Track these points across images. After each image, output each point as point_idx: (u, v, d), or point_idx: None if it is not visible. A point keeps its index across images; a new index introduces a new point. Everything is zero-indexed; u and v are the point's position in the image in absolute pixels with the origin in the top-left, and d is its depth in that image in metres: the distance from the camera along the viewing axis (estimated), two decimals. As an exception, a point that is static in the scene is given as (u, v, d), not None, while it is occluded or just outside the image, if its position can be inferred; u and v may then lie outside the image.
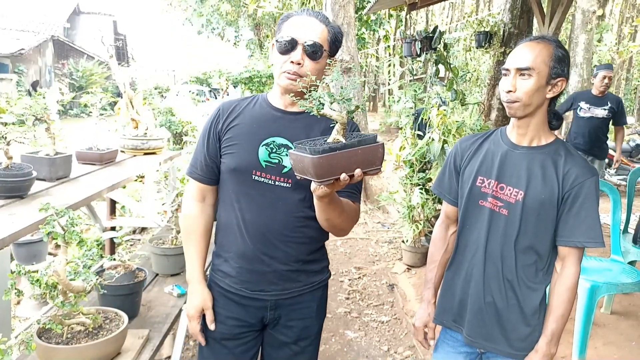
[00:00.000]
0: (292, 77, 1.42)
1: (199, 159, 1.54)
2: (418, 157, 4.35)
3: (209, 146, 1.52)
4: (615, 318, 3.38)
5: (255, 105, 1.54)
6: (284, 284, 1.52)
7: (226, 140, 1.50)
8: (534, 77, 1.44)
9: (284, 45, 1.42)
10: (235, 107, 1.54)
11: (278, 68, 1.46)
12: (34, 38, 19.37)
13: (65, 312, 1.55)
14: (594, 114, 4.99)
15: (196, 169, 1.55)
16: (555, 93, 1.49)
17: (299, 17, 1.46)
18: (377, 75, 22.52)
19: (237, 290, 1.52)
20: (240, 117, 1.51)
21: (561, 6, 4.23)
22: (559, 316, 1.49)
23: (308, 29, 1.43)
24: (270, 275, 1.49)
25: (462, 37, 9.53)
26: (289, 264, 1.51)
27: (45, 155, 2.32)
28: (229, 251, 1.52)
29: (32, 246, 3.21)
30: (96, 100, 2.86)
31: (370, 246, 5.15)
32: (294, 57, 1.42)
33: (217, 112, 1.54)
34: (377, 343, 3.28)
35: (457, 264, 1.67)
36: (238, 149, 1.47)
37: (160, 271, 2.51)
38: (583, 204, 1.46)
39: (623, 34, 18.81)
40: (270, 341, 1.61)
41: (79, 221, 1.49)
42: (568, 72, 1.48)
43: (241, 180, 1.46)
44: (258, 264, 1.48)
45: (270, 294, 1.52)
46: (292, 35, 1.42)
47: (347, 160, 1.14)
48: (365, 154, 1.15)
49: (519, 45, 1.51)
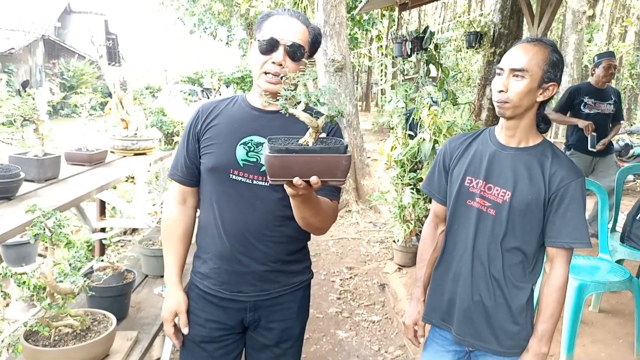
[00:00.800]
0: (272, 80, 1.43)
1: (180, 161, 1.55)
2: (409, 157, 4.37)
3: (189, 147, 1.53)
4: (603, 316, 3.41)
5: (234, 105, 1.54)
6: (263, 285, 1.51)
7: (205, 141, 1.50)
8: (526, 79, 1.45)
9: (265, 45, 1.42)
10: (214, 107, 1.54)
11: (258, 68, 1.45)
12: (24, 37, 19.22)
13: (52, 314, 1.54)
14: (601, 110, 4.48)
15: (177, 170, 1.56)
16: (546, 97, 1.49)
17: (280, 17, 1.45)
18: (369, 75, 22.56)
19: (215, 291, 1.52)
20: (219, 117, 1.51)
21: (550, 7, 4.27)
22: (548, 316, 1.51)
23: (289, 29, 1.43)
24: (248, 276, 1.49)
25: (453, 38, 9.57)
26: (268, 264, 1.50)
27: (34, 156, 2.31)
28: (208, 252, 1.52)
29: (22, 248, 3.18)
30: (85, 101, 2.85)
31: (361, 246, 5.16)
32: (275, 57, 1.41)
33: (197, 114, 1.54)
34: (368, 343, 3.29)
35: (445, 263, 1.69)
36: (216, 148, 1.47)
37: (149, 272, 2.51)
38: (569, 205, 1.47)
39: (613, 34, 18.96)
40: (252, 344, 1.60)
41: (66, 223, 1.49)
42: (560, 78, 1.49)
43: (219, 180, 1.47)
44: (236, 265, 1.48)
45: (249, 295, 1.51)
46: (273, 35, 1.42)
47: (304, 165, 1.10)
48: (326, 162, 1.11)
49: (515, 46, 1.52)
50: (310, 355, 3.11)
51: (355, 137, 6.76)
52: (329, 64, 6.50)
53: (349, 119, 6.68)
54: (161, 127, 6.28)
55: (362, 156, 6.87)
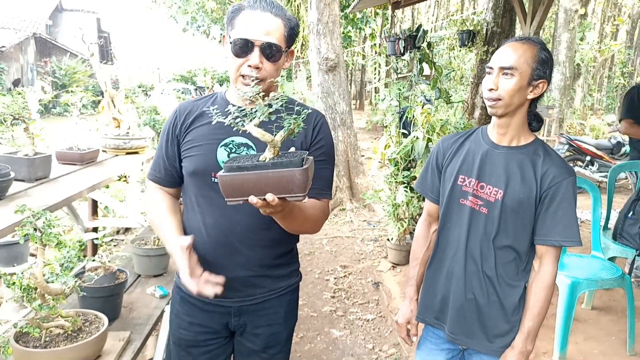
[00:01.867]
0: (250, 83, 1.32)
1: (159, 163, 1.50)
2: (403, 156, 4.37)
3: (168, 150, 1.48)
4: (595, 313, 3.43)
5: (212, 104, 1.46)
6: (248, 290, 1.47)
7: (185, 144, 1.45)
8: (516, 76, 1.46)
9: (238, 47, 1.33)
10: (192, 108, 1.47)
11: (234, 70, 1.37)
12: (15, 35, 19.04)
13: (43, 315, 1.53)
14: None
15: (156, 172, 1.51)
16: (536, 94, 1.50)
17: (252, 13, 1.34)
18: (363, 74, 22.56)
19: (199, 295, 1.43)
20: (199, 119, 1.45)
21: (542, 5, 4.28)
22: (535, 314, 1.52)
23: (263, 26, 1.33)
24: (232, 281, 1.42)
25: (446, 36, 9.59)
26: (252, 269, 1.46)
27: (24, 156, 2.28)
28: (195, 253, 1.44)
29: (13, 248, 3.16)
30: (76, 100, 2.82)
31: (356, 244, 5.16)
32: (252, 60, 1.33)
33: (175, 115, 1.48)
34: (362, 341, 3.29)
35: (438, 261, 1.69)
36: (196, 151, 1.42)
37: (142, 272, 2.49)
38: (560, 204, 1.48)
39: (605, 33, 19.09)
40: (240, 349, 1.57)
41: (56, 223, 1.47)
42: (550, 75, 1.50)
43: (201, 184, 1.42)
44: (220, 270, 1.39)
45: (233, 300, 1.47)
46: (246, 36, 1.32)
47: (257, 183, 1.06)
48: (278, 177, 1.05)
49: (504, 45, 1.53)
50: (304, 354, 3.11)
51: (349, 135, 6.76)
52: (322, 62, 6.49)
53: (342, 117, 6.68)
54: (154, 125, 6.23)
55: (356, 154, 6.86)
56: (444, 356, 1.71)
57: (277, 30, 1.35)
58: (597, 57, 16.26)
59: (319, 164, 1.40)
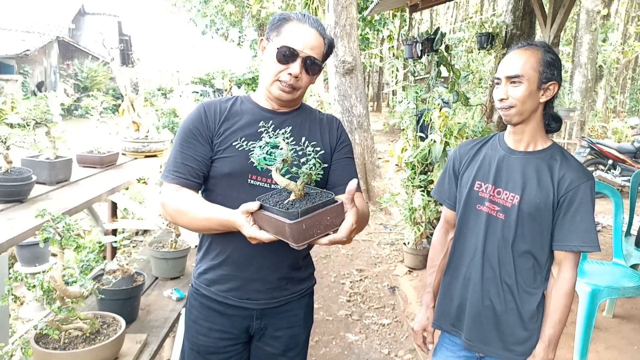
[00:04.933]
0: (286, 89, 1.40)
1: (188, 164, 1.40)
2: (420, 159, 4.34)
3: (198, 150, 1.41)
4: (617, 322, 3.36)
5: (241, 106, 1.47)
6: (272, 292, 1.49)
7: (218, 144, 1.41)
8: (524, 83, 1.47)
9: (282, 55, 1.38)
10: (219, 107, 1.45)
11: (271, 75, 1.41)
12: (39, 39, 19.47)
13: (62, 317, 1.55)
14: None
15: (187, 174, 1.40)
16: (549, 97, 1.50)
17: (301, 26, 1.40)
18: (381, 76, 22.49)
19: (223, 298, 1.48)
20: (229, 119, 1.44)
21: (563, 7, 4.21)
22: (556, 322, 1.50)
23: (309, 41, 1.39)
24: (259, 282, 1.46)
25: (464, 38, 9.51)
26: (280, 271, 1.48)
27: (46, 159, 2.33)
28: (220, 257, 1.47)
29: (35, 248, 3.22)
30: (97, 104, 2.87)
31: (372, 248, 5.14)
32: (293, 69, 1.38)
33: (202, 113, 1.43)
34: (378, 346, 3.27)
35: (454, 268, 1.68)
36: (231, 152, 1.40)
37: (159, 275, 2.52)
38: (578, 209, 1.46)
39: (629, 34, 18.70)
40: (257, 354, 1.57)
41: (75, 227, 1.50)
42: (559, 76, 1.50)
43: (235, 185, 1.40)
44: (250, 271, 1.44)
45: (258, 302, 1.48)
46: (293, 45, 1.37)
47: (321, 221, 1.13)
48: (327, 214, 1.13)
49: (508, 54, 1.54)
50: (319, 358, 3.11)
51: (366, 138, 6.74)
52: (340, 65, 6.49)
53: (359, 120, 6.67)
54: (173, 128, 6.31)
55: (373, 157, 6.85)
56: None
57: (319, 47, 1.42)
58: (620, 58, 15.94)
59: (346, 161, 1.52)
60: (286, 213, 1.10)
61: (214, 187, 1.45)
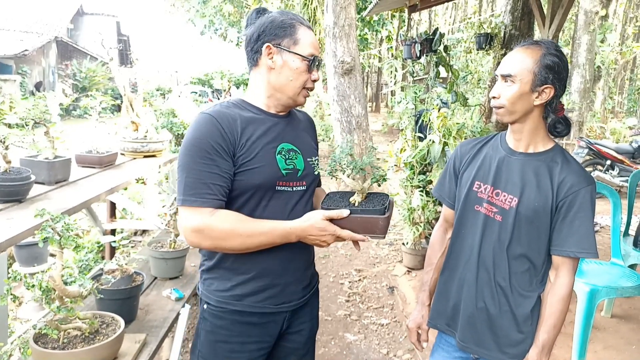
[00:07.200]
0: (307, 95, 1.47)
1: (214, 182, 1.31)
2: (418, 160, 4.34)
3: (223, 166, 1.32)
4: (615, 322, 3.37)
5: (245, 111, 1.42)
6: (304, 291, 1.54)
7: (241, 157, 1.35)
8: (516, 83, 1.44)
9: (311, 63, 1.42)
10: (230, 117, 1.37)
11: (300, 84, 1.43)
12: (37, 39, 19.45)
13: (61, 317, 1.56)
14: None
15: (214, 194, 1.31)
16: (544, 100, 1.45)
17: (309, 33, 1.44)
18: (379, 76, 22.51)
19: (258, 308, 1.43)
20: (247, 128, 1.38)
21: (561, 8, 4.22)
22: (550, 326, 1.48)
23: (317, 45, 1.45)
24: (293, 285, 1.49)
25: (463, 39, 9.52)
26: (309, 269, 1.55)
27: (44, 159, 2.33)
28: (250, 271, 1.42)
29: (34, 248, 3.21)
30: (95, 104, 2.87)
31: (370, 248, 5.14)
32: (315, 75, 1.45)
33: (218, 127, 1.33)
34: (377, 346, 3.27)
35: (451, 267, 1.67)
36: (258, 162, 1.36)
37: (158, 275, 2.52)
38: (577, 214, 1.44)
39: (627, 34, 18.74)
40: (277, 353, 1.55)
41: (74, 226, 1.50)
42: (558, 80, 1.44)
43: (263, 194, 1.39)
44: (285, 276, 1.45)
45: (292, 304, 1.49)
46: (314, 52, 1.42)
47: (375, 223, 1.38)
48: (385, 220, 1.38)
49: (511, 51, 1.52)
50: (318, 358, 3.11)
51: (365, 138, 6.74)
52: (338, 65, 6.49)
53: (358, 120, 6.67)
54: (171, 128, 6.30)
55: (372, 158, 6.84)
56: None
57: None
58: (619, 59, 15.97)
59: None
60: (375, 210, 1.31)
61: (241, 200, 1.38)
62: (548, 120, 1.52)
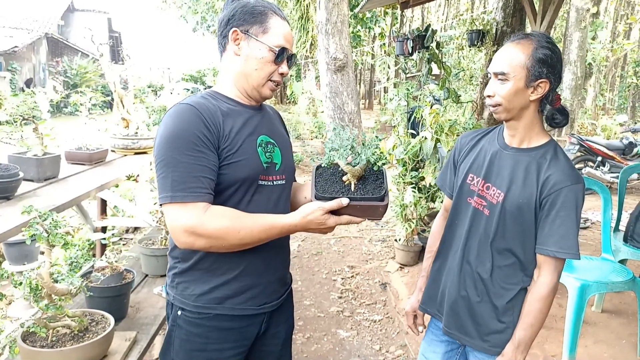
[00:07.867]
0: (274, 88, 1.39)
1: (204, 175, 1.24)
2: (411, 156, 4.35)
3: (211, 159, 1.26)
4: (606, 316, 3.39)
5: (221, 103, 1.35)
6: (282, 290, 1.51)
7: (225, 149, 1.29)
8: (510, 80, 1.42)
9: (279, 55, 1.35)
10: (211, 108, 1.31)
11: (264, 76, 1.36)
12: (27, 36, 19.26)
13: (50, 315, 1.54)
14: None
15: (205, 188, 1.24)
16: (539, 95, 1.44)
17: (283, 23, 1.37)
18: (372, 73, 22.51)
19: (239, 310, 1.37)
20: (226, 120, 1.32)
21: (553, 5, 4.24)
22: (527, 325, 1.47)
23: (291, 39, 1.40)
24: (274, 284, 1.45)
25: (455, 36, 9.54)
26: (285, 267, 1.51)
27: (33, 156, 2.30)
28: (231, 272, 1.35)
29: (24, 246, 3.18)
30: (85, 100, 2.84)
31: (363, 245, 5.15)
32: (284, 68, 1.38)
33: (201, 117, 1.26)
34: (369, 342, 3.28)
35: (443, 255, 1.70)
36: (241, 155, 1.31)
37: (149, 272, 2.50)
38: (559, 212, 1.41)
39: (617, 32, 18.86)
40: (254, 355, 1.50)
41: (63, 224, 1.48)
42: (552, 73, 1.42)
43: (247, 189, 1.33)
44: (265, 275, 1.40)
45: (272, 304, 1.46)
46: (284, 44, 1.35)
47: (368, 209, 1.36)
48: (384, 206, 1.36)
49: (502, 47, 1.50)
50: (311, 355, 3.11)
51: (357, 135, 6.75)
52: (331, 62, 6.48)
53: (351, 117, 6.67)
54: (163, 125, 6.28)
55: (364, 155, 6.84)
56: (444, 348, 1.72)
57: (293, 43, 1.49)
58: (609, 56, 16.07)
59: None
60: (374, 198, 1.30)
61: (224, 195, 1.31)
62: (544, 113, 1.50)
